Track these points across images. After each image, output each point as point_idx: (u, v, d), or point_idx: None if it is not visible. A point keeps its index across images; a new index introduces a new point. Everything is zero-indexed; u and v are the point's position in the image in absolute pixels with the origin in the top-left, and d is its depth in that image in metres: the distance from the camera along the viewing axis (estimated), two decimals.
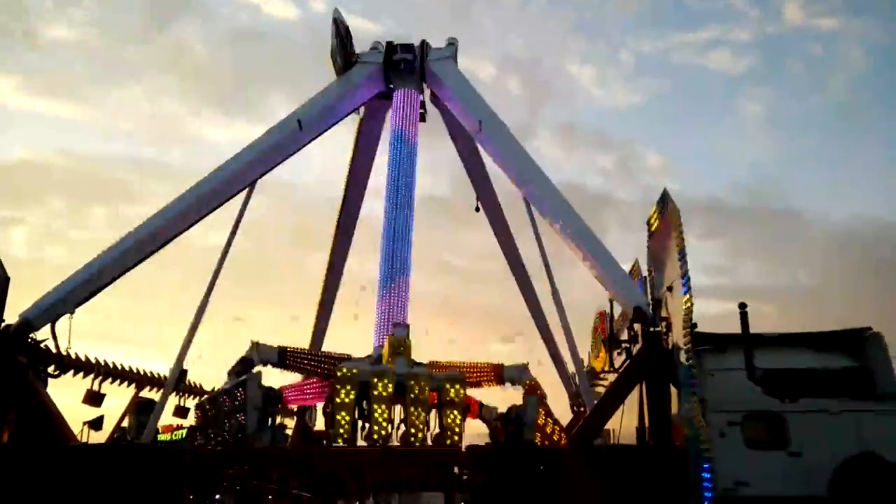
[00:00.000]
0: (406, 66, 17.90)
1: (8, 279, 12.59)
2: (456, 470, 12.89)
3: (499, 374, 16.94)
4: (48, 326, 12.79)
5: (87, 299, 13.44)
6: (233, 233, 15.06)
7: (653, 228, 11.72)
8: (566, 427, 18.72)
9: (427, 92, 19.00)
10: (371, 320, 16.95)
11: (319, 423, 22.55)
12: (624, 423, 12.91)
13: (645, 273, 13.34)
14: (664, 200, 10.93)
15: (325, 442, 15.48)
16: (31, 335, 12.49)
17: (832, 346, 11.62)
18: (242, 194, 15.37)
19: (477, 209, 20.74)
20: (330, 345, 23.00)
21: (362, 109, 19.17)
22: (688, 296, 9.65)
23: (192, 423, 16.34)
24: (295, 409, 20.94)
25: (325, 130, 17.00)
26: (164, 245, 14.34)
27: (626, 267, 14.98)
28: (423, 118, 19.14)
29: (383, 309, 16.63)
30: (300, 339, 21.16)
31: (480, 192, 21.03)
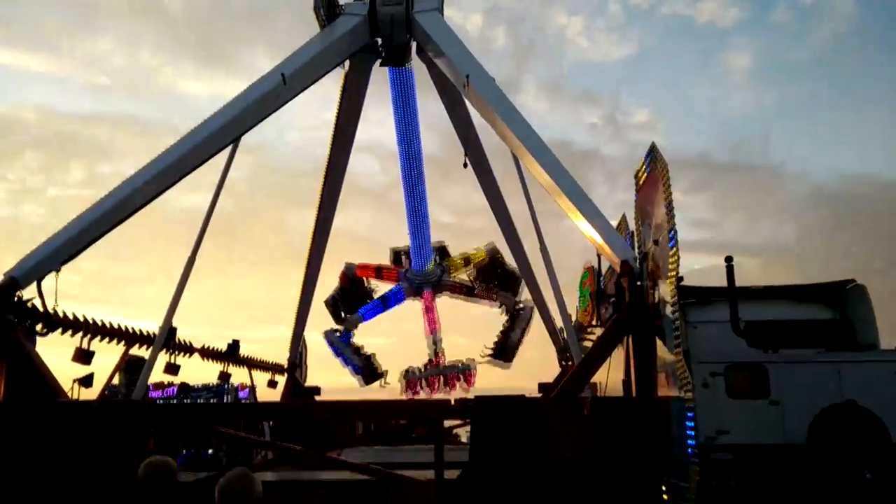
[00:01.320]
0: (393, 18, 17.52)
1: None
2: (445, 423, 13.15)
3: None
4: (34, 285, 12.74)
5: (72, 258, 13.35)
6: (218, 189, 14.94)
7: (640, 182, 11.72)
8: (554, 381, 19.03)
9: (413, 45, 18.67)
10: None
11: (310, 380, 22.80)
12: (611, 377, 13.14)
13: (632, 227, 13.39)
14: (652, 154, 10.90)
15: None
16: (17, 293, 12.43)
17: (815, 298, 11.83)
18: (225, 152, 15.16)
19: (465, 165, 20.63)
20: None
21: (347, 63, 18.83)
22: (674, 249, 9.70)
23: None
24: (286, 366, 21.14)
25: (310, 84, 16.71)
26: (146, 204, 14.18)
27: (614, 222, 15.04)
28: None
29: None
30: (288, 295, 21.26)
31: (468, 148, 20.89)
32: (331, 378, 30.98)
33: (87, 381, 14.86)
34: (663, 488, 9.82)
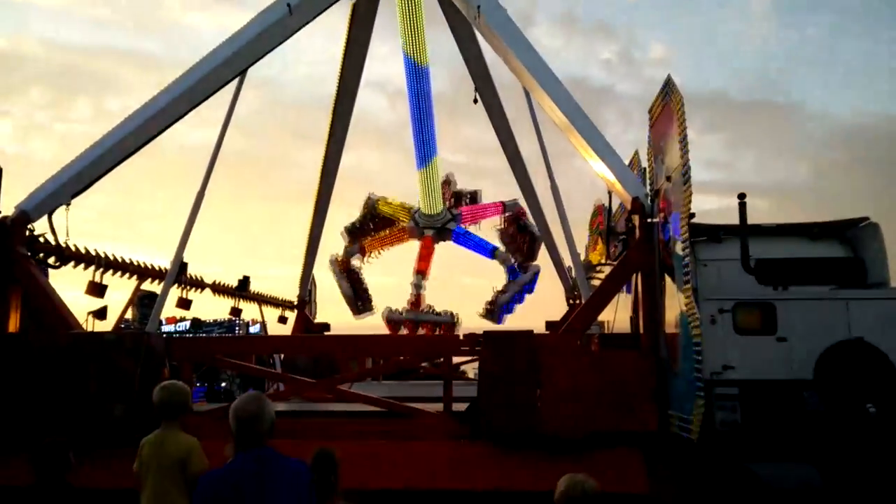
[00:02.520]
0: None
1: (0, 170, 12.46)
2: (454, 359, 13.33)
3: None
4: (45, 219, 12.81)
5: (81, 191, 13.37)
6: (226, 123, 14.79)
7: (654, 117, 11.49)
8: (561, 319, 19.16)
9: None
10: None
11: (320, 317, 23.09)
12: (618, 316, 13.22)
13: (645, 165, 13.21)
14: (667, 87, 10.64)
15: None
16: (28, 227, 12.51)
17: (827, 236, 11.72)
18: (232, 86, 14.92)
19: (475, 101, 20.30)
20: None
21: None
22: (687, 185, 9.58)
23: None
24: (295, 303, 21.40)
25: (317, 15, 16.27)
26: (155, 137, 14.08)
27: (625, 157, 14.82)
28: None
29: None
30: (295, 233, 21.32)
31: (479, 84, 20.51)
32: (342, 316, 31.42)
33: (101, 314, 15.13)
34: (671, 421, 9.99)
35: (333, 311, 30.39)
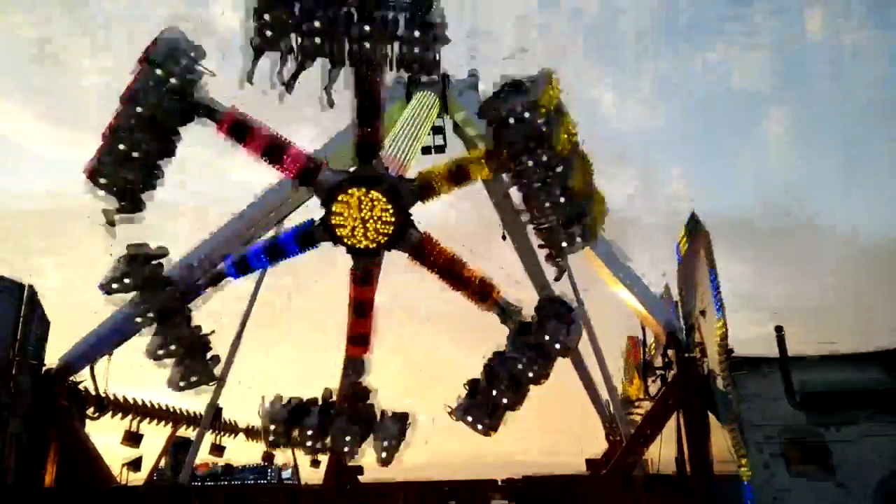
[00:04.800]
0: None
1: (48, 323, 12.94)
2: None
3: None
4: (87, 368, 13.06)
5: (122, 342, 13.62)
6: (261, 277, 15.21)
7: (682, 252, 11.64)
8: (602, 457, 18.42)
9: (449, 122, 19.15)
10: None
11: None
12: (662, 452, 12.70)
13: (676, 297, 13.22)
14: (693, 223, 10.87)
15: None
16: (70, 378, 12.76)
17: (872, 365, 11.36)
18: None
19: (503, 237, 20.72)
20: None
21: None
22: (721, 320, 9.54)
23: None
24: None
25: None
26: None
27: (656, 290, 14.83)
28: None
29: None
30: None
31: (506, 221, 21.03)
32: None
33: (135, 465, 14.97)
34: None
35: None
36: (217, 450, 17.48)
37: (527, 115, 9.03)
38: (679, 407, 11.02)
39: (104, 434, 13.78)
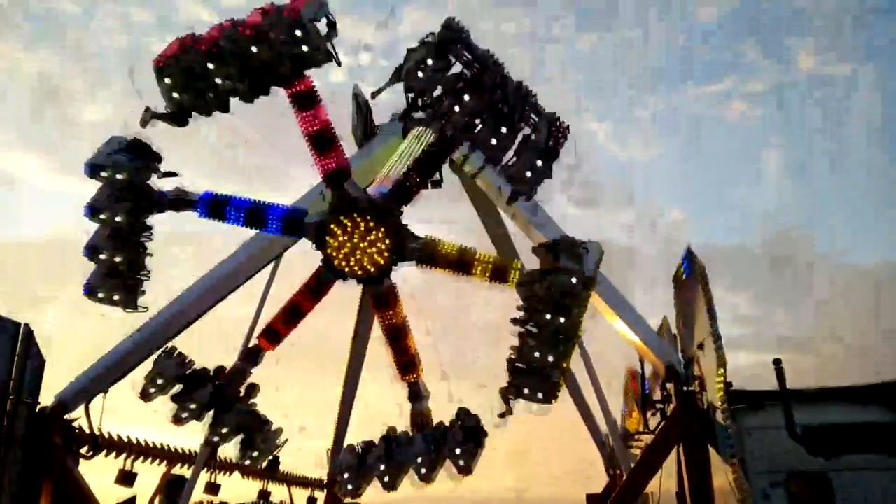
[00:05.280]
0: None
1: (44, 362, 12.85)
2: None
3: None
4: (82, 407, 12.94)
5: (118, 379, 13.53)
6: (261, 304, 15.22)
7: (679, 286, 11.70)
8: (602, 492, 18.22)
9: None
10: None
11: None
12: (663, 487, 12.58)
13: (674, 331, 13.23)
14: (689, 258, 10.95)
15: None
16: (65, 416, 12.63)
17: (873, 399, 11.32)
18: (267, 270, 15.55)
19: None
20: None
21: None
22: (720, 353, 9.54)
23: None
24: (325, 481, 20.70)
25: None
26: (195, 320, 14.47)
27: (653, 323, 14.84)
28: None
29: None
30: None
31: (502, 251, 21.08)
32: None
33: None
34: None
35: None
36: (212, 489, 17.18)
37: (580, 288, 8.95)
38: (679, 441, 10.95)
39: (97, 474, 13.59)
